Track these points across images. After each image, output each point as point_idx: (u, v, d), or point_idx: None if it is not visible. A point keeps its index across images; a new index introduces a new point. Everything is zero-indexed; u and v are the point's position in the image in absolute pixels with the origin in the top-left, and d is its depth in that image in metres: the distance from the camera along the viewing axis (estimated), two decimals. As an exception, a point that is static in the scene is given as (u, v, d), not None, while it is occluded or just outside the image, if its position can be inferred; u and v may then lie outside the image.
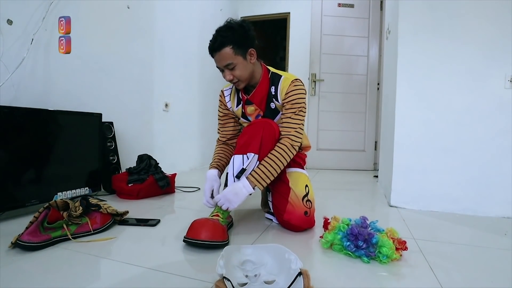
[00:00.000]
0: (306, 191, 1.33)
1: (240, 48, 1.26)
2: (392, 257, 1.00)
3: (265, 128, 1.24)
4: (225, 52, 1.25)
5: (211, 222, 1.13)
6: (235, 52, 1.25)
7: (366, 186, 2.63)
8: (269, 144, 1.25)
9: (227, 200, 1.19)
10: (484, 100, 1.69)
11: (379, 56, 3.45)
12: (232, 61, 1.26)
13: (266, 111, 1.38)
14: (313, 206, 1.34)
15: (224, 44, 1.24)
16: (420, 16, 1.78)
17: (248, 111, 1.40)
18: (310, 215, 1.30)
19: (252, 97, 1.37)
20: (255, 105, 1.37)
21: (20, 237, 1.01)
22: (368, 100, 3.52)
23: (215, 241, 1.08)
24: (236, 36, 1.25)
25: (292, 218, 1.27)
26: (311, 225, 1.33)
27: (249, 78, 1.33)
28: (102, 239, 1.14)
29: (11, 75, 1.46)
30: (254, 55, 1.32)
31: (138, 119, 2.38)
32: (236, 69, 1.27)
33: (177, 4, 2.75)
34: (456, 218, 1.61)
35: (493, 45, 1.67)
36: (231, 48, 1.24)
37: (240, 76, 1.29)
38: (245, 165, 1.22)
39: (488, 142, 1.69)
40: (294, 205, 1.28)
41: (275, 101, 1.35)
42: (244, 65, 1.28)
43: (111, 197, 1.84)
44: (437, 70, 1.76)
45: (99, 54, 1.99)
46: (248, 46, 1.29)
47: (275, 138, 1.26)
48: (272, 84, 1.36)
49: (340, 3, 3.47)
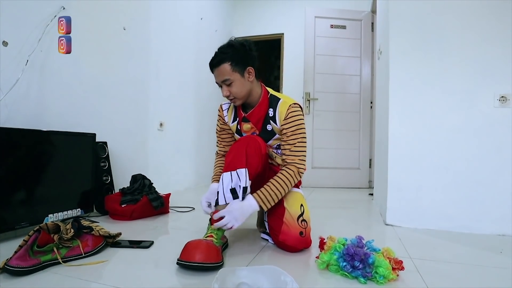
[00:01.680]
0: (301, 210, 1.31)
1: (238, 66, 1.29)
2: (389, 278, 0.98)
3: (249, 144, 1.26)
4: (223, 68, 1.29)
5: (205, 243, 1.11)
6: (233, 69, 1.29)
7: (361, 204, 2.62)
8: (255, 158, 1.25)
9: (234, 219, 1.17)
10: (475, 119, 1.73)
11: (371, 75, 3.53)
12: (229, 77, 1.29)
13: (262, 132, 1.39)
14: (309, 225, 1.32)
15: (223, 60, 1.29)
16: (410, 37, 1.84)
17: (244, 128, 1.41)
18: (306, 235, 1.28)
19: (250, 115, 1.38)
20: (252, 123, 1.39)
21: (8, 261, 0.98)
22: (361, 118, 3.57)
23: (209, 263, 1.05)
24: (235, 54, 1.30)
25: (288, 239, 1.25)
26: (307, 245, 1.31)
27: (246, 96, 1.35)
28: (94, 263, 1.11)
29: (4, 96, 1.46)
30: (253, 73, 1.35)
31: (133, 139, 2.38)
32: (233, 85, 1.30)
33: (172, 25, 2.82)
34: (451, 236, 1.61)
35: (482, 64, 1.73)
36: (229, 64, 1.28)
37: (236, 93, 1.31)
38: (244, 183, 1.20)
39: (481, 159, 1.71)
40: (289, 226, 1.26)
41: (273, 123, 1.36)
42: (241, 82, 1.31)
43: (104, 218, 1.81)
44: (429, 89, 1.80)
45: (95, 74, 2.02)
46: (247, 65, 1.32)
47: (260, 152, 1.28)
48: (270, 106, 1.38)
49: (333, 24, 3.58)
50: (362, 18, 3.57)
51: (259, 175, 1.33)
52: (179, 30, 2.94)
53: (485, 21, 1.73)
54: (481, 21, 1.73)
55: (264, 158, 1.32)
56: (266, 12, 4.07)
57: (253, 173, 1.25)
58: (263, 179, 1.37)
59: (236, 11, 4.17)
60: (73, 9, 1.78)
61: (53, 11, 1.69)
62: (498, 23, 1.70)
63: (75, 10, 1.79)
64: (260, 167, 1.29)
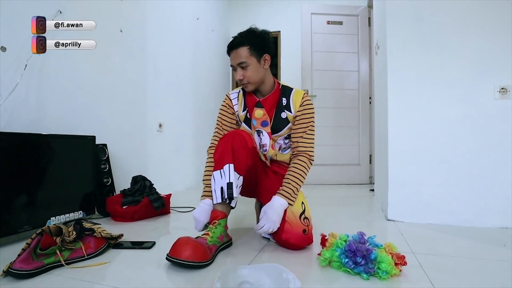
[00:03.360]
0: (303, 208, 1.32)
1: (255, 51, 1.32)
2: (391, 273, 0.98)
3: (234, 138, 1.27)
4: (241, 51, 1.31)
5: (193, 242, 1.11)
6: (251, 53, 1.32)
7: (362, 200, 2.62)
8: (242, 151, 1.26)
9: (273, 223, 1.24)
10: (475, 111, 1.72)
11: (369, 70, 3.53)
12: (245, 60, 1.31)
13: (276, 119, 1.40)
14: (311, 223, 1.32)
15: (242, 43, 1.31)
16: (407, 31, 1.84)
17: (255, 115, 1.40)
18: (309, 233, 1.28)
19: (264, 100, 1.40)
20: (265, 109, 1.40)
21: (12, 265, 0.98)
22: (360, 114, 3.56)
23: (194, 262, 1.06)
24: (255, 39, 1.33)
25: (291, 237, 1.25)
26: (310, 243, 1.31)
27: (259, 82, 1.37)
28: (96, 264, 1.12)
29: (4, 101, 1.46)
30: (269, 61, 1.37)
31: (132, 141, 2.38)
32: (248, 69, 1.32)
33: (169, 26, 2.81)
34: (454, 230, 1.61)
35: (480, 56, 1.72)
36: (248, 48, 1.31)
37: (250, 77, 1.33)
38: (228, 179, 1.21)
39: (481, 152, 1.71)
40: (292, 224, 1.26)
41: (287, 111, 1.39)
42: (256, 68, 1.34)
43: (106, 220, 1.81)
44: (427, 83, 1.80)
45: (93, 77, 2.01)
46: (264, 52, 1.35)
47: (247, 146, 1.29)
48: (283, 95, 1.41)
49: (329, 20, 3.57)
50: (359, 14, 3.56)
51: (251, 170, 1.33)
52: (176, 31, 2.93)
53: (483, 13, 1.72)
54: (479, 13, 1.73)
55: (251, 152, 1.32)
56: (262, 10, 4.06)
57: (243, 167, 1.26)
58: (255, 175, 1.39)
59: (232, 10, 4.16)
60: (70, 13, 1.78)
61: (50, 15, 1.69)
62: (497, 14, 1.70)
63: (72, 14, 1.79)
64: (249, 161, 1.29)
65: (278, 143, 1.44)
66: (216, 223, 1.22)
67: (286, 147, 1.45)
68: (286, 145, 1.45)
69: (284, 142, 1.44)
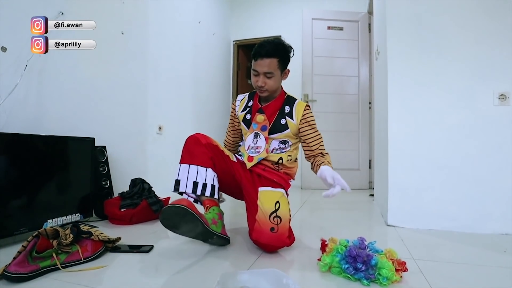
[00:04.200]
0: (276, 207, 1.27)
1: (282, 64, 1.40)
2: (392, 279, 0.97)
3: (187, 142, 1.42)
4: (272, 62, 1.37)
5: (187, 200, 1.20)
6: (278, 66, 1.39)
7: (362, 205, 2.61)
8: (196, 148, 1.37)
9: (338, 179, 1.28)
10: (475, 117, 1.72)
11: (369, 76, 3.54)
12: (273, 71, 1.38)
13: (274, 124, 1.45)
14: (284, 222, 1.26)
15: (274, 54, 1.37)
16: (408, 37, 1.84)
17: (257, 119, 1.47)
18: (278, 232, 1.23)
19: (266, 107, 1.48)
20: (266, 115, 1.46)
21: (7, 267, 0.97)
22: (360, 119, 3.56)
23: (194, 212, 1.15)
24: (285, 54, 1.40)
25: (260, 237, 1.24)
26: (284, 243, 1.27)
27: (274, 91, 1.46)
28: (93, 268, 1.10)
29: (3, 101, 1.45)
30: (287, 74, 1.48)
31: (132, 143, 2.37)
32: (272, 79, 1.39)
33: (170, 29, 2.82)
34: (454, 236, 1.60)
35: (480, 62, 1.73)
36: (278, 61, 1.38)
37: (271, 86, 1.41)
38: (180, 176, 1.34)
39: (481, 158, 1.70)
40: (260, 223, 1.24)
41: (289, 118, 1.45)
42: (278, 79, 1.42)
43: (103, 223, 1.79)
44: (427, 88, 1.80)
45: (93, 79, 2.01)
46: (287, 66, 1.44)
47: (199, 143, 1.38)
48: (287, 104, 1.48)
49: (330, 26, 3.59)
50: (359, 19, 3.58)
51: (218, 163, 1.40)
52: (177, 34, 2.94)
53: (482, 19, 1.73)
54: (479, 19, 1.73)
55: (207, 147, 1.38)
56: (263, 14, 4.08)
57: (204, 160, 1.35)
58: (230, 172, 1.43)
59: (234, 14, 4.18)
60: (72, 14, 1.78)
61: (51, 16, 1.68)
62: (496, 21, 1.71)
63: (74, 15, 1.79)
64: (209, 153, 1.37)
65: (273, 145, 1.47)
66: (208, 207, 1.31)
67: (278, 149, 1.47)
68: (279, 148, 1.48)
69: (279, 145, 1.47)
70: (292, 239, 1.31)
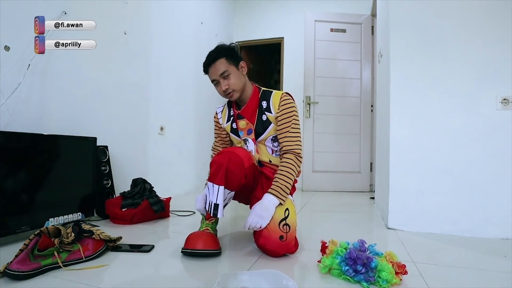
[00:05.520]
0: (285, 215, 1.26)
1: (232, 60, 1.40)
2: (392, 282, 0.97)
3: (230, 160, 1.27)
4: (220, 63, 1.38)
5: (206, 233, 1.26)
6: (229, 62, 1.39)
7: (362, 208, 2.61)
8: (236, 173, 1.27)
9: (260, 218, 1.23)
10: (477, 121, 1.72)
11: (372, 78, 3.54)
12: (227, 69, 1.38)
13: (258, 123, 1.43)
14: (293, 230, 1.26)
15: (218, 56, 1.38)
16: (410, 40, 1.84)
17: (240, 126, 1.47)
18: (287, 240, 1.23)
19: (243, 111, 1.46)
20: (246, 119, 1.45)
21: (9, 265, 0.97)
22: (362, 122, 3.57)
23: (210, 250, 1.21)
24: (228, 51, 1.41)
25: (267, 243, 1.23)
26: (290, 251, 1.27)
27: (242, 89, 1.43)
28: (94, 267, 1.11)
29: (6, 100, 1.46)
30: (245, 68, 1.45)
31: (133, 143, 2.38)
32: (230, 77, 1.39)
33: (173, 30, 2.83)
34: (454, 240, 1.60)
35: (483, 66, 1.72)
36: (225, 59, 1.38)
37: (234, 85, 1.39)
38: (216, 200, 1.27)
39: (483, 162, 1.70)
40: (269, 230, 1.23)
41: (268, 113, 1.42)
42: (237, 75, 1.41)
43: (104, 222, 1.80)
44: (430, 92, 1.80)
45: (95, 79, 2.02)
46: (239, 60, 1.43)
47: (243, 166, 1.29)
48: (263, 99, 1.45)
49: (333, 28, 3.59)
50: (362, 22, 3.58)
51: (248, 185, 1.37)
52: (180, 35, 2.95)
53: (486, 23, 1.73)
54: (483, 23, 1.73)
55: (248, 171, 1.32)
56: (266, 16, 4.09)
57: (236, 186, 1.30)
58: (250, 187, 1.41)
59: (236, 16, 4.19)
60: (75, 14, 1.79)
61: (54, 16, 1.70)
62: (500, 25, 1.70)
63: (77, 15, 1.80)
64: (243, 180, 1.31)
65: (268, 146, 1.45)
66: (213, 220, 1.35)
67: (277, 149, 1.46)
68: (277, 147, 1.45)
69: (273, 144, 1.45)
70: (297, 246, 1.31)
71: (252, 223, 1.23)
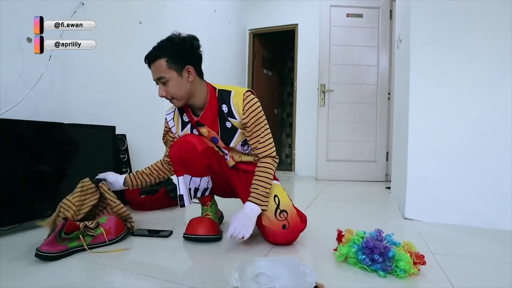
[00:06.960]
0: (276, 202, 1.24)
1: (175, 63, 1.20)
2: (410, 272, 0.97)
3: (181, 149, 1.25)
4: (158, 64, 1.21)
5: (207, 219, 1.32)
6: (169, 66, 1.20)
7: (378, 197, 2.59)
8: (191, 159, 1.26)
9: (243, 227, 1.16)
10: (500, 110, 1.66)
11: (389, 65, 3.45)
12: (164, 75, 1.20)
13: (222, 132, 1.31)
14: (291, 213, 1.23)
15: (158, 56, 1.21)
16: (432, 25, 1.77)
17: (202, 133, 1.33)
18: (291, 226, 1.21)
19: (202, 118, 1.30)
20: (207, 126, 1.31)
21: (39, 247, 1.03)
22: (378, 110, 3.49)
23: (210, 235, 1.27)
24: (173, 50, 1.21)
25: (277, 239, 1.23)
26: (299, 231, 1.26)
27: (185, 97, 1.25)
28: (117, 250, 1.15)
29: (30, 91, 1.51)
30: (193, 73, 1.24)
31: (150, 131, 2.41)
32: (168, 85, 1.22)
33: (186, 18, 2.82)
34: (474, 232, 1.57)
35: (507, 55, 1.65)
36: (166, 61, 1.20)
37: (173, 93, 1.23)
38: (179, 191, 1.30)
39: (504, 152, 1.64)
40: (271, 226, 1.22)
41: (231, 119, 1.28)
42: (178, 82, 1.22)
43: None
44: (451, 79, 1.74)
45: (113, 69, 2.05)
46: (186, 63, 1.22)
47: (195, 151, 1.25)
48: (222, 102, 1.28)
49: (349, 13, 3.49)
50: (380, 6, 3.47)
51: (213, 169, 1.32)
52: (193, 23, 2.93)
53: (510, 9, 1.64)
54: (509, 10, 1.64)
55: (203, 154, 1.26)
56: (280, 2, 4.01)
57: (200, 170, 1.29)
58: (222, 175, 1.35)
59: (250, 3, 4.12)
60: (92, 5, 1.81)
61: (72, 7, 1.72)
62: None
63: (94, 6, 1.82)
64: (204, 162, 1.27)
65: (237, 150, 1.36)
66: (209, 204, 1.41)
67: (248, 151, 1.38)
68: (247, 150, 1.37)
69: (243, 149, 1.36)
70: (304, 219, 1.28)
71: (234, 233, 1.15)
